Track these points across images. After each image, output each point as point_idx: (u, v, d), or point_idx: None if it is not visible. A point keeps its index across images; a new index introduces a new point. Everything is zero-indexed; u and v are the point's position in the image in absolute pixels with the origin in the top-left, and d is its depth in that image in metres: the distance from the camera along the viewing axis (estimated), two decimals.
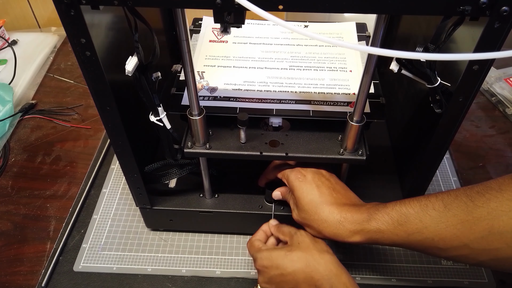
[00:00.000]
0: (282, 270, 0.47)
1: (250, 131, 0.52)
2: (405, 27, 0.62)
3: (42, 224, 0.68)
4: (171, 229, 0.66)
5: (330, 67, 0.60)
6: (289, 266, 0.46)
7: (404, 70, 0.44)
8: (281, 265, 0.47)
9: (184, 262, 0.62)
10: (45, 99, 0.90)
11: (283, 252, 0.48)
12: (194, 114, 0.49)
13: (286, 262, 0.47)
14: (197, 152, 0.52)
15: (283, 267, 0.47)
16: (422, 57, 0.35)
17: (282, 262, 0.47)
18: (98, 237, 0.65)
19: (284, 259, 0.47)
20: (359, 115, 0.47)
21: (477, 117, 0.85)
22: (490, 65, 0.38)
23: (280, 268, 0.47)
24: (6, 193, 0.72)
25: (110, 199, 0.71)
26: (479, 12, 0.33)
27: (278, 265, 0.47)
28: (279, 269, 0.47)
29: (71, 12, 0.35)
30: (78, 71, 0.97)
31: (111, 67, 0.42)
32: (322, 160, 0.51)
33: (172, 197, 0.61)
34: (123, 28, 0.42)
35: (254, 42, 0.65)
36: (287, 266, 0.47)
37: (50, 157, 0.78)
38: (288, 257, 0.47)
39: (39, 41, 1.03)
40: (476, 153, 0.78)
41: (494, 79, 0.90)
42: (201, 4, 0.34)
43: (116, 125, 0.46)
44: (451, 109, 0.42)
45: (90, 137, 0.82)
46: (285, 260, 0.47)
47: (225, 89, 0.56)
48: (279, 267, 0.47)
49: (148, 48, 0.42)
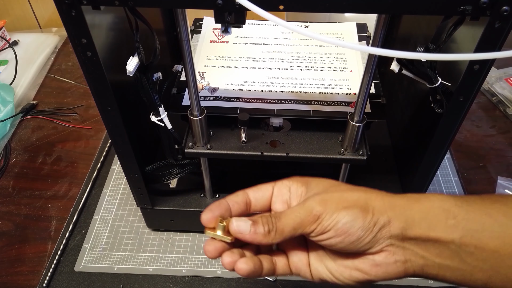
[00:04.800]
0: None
1: (251, 131, 0.52)
2: (406, 27, 0.62)
3: (43, 224, 0.68)
4: (172, 229, 0.66)
5: (330, 67, 0.60)
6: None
7: (404, 70, 0.44)
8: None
9: (185, 262, 0.62)
10: (46, 100, 0.90)
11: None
12: (195, 114, 0.49)
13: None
14: (198, 152, 0.52)
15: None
16: (422, 57, 0.35)
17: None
18: (99, 237, 0.65)
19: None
20: (359, 115, 0.47)
21: (477, 117, 0.85)
22: (491, 65, 0.38)
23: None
24: (7, 193, 0.73)
25: (111, 199, 0.71)
26: (480, 12, 0.33)
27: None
28: None
29: (72, 12, 0.35)
30: (79, 71, 0.97)
31: (112, 68, 0.42)
32: (323, 160, 0.52)
33: (173, 197, 0.61)
34: (124, 29, 0.42)
35: (255, 42, 0.65)
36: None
37: (51, 158, 0.78)
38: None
39: (40, 42, 1.03)
40: (476, 153, 0.78)
41: (494, 79, 0.90)
42: (202, 4, 0.34)
43: (117, 125, 0.46)
44: (452, 109, 0.42)
45: (91, 137, 0.82)
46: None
47: (226, 89, 0.56)
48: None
49: (149, 48, 0.42)
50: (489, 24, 0.34)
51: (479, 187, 0.73)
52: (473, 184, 0.73)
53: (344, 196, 0.33)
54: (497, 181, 0.72)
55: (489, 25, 0.34)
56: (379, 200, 0.33)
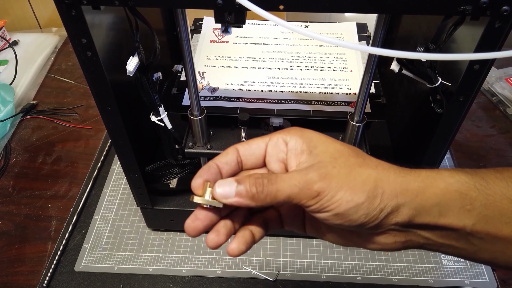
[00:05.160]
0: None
1: (251, 131, 0.52)
2: (406, 27, 0.62)
3: (43, 224, 0.68)
4: (172, 229, 0.66)
5: (330, 67, 0.60)
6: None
7: (404, 70, 0.44)
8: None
9: (185, 262, 0.62)
10: (46, 100, 0.90)
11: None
12: (195, 114, 0.49)
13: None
14: (198, 152, 0.52)
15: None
16: (423, 57, 0.35)
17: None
18: (99, 237, 0.65)
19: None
20: (359, 115, 0.47)
21: (477, 117, 0.85)
22: (491, 65, 0.38)
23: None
24: (7, 193, 0.73)
25: (111, 199, 0.71)
26: (480, 11, 0.33)
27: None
28: None
29: (72, 12, 0.35)
30: (79, 71, 0.97)
31: (112, 67, 0.42)
32: None
33: (173, 197, 0.61)
34: (124, 28, 0.42)
35: (255, 42, 0.65)
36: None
37: (51, 158, 0.78)
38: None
39: (40, 42, 1.03)
40: (477, 153, 0.78)
41: (494, 79, 0.90)
42: (202, 4, 0.34)
43: (117, 125, 0.46)
44: (452, 109, 0.42)
45: (91, 137, 0.82)
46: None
47: (226, 89, 0.56)
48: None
49: (149, 48, 0.42)
50: (489, 24, 0.34)
51: None
52: None
53: (352, 174, 0.29)
54: None
55: (489, 25, 0.34)
56: (391, 183, 0.29)
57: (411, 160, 0.57)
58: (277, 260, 0.63)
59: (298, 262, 0.62)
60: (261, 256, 0.63)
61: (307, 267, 0.62)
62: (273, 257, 0.63)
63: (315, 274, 0.61)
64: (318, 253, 0.63)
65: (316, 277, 0.61)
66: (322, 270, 0.61)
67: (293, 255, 0.63)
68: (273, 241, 0.65)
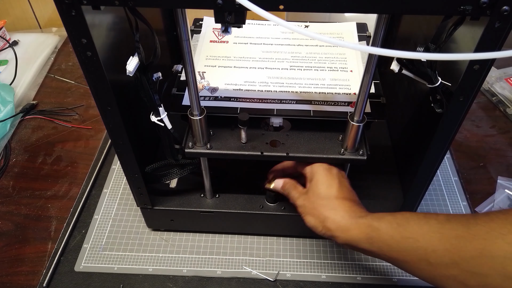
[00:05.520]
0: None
1: (251, 131, 0.52)
2: (406, 27, 0.62)
3: (43, 224, 0.68)
4: (172, 229, 0.66)
5: (330, 67, 0.60)
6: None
7: (404, 70, 0.44)
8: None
9: (185, 262, 0.62)
10: (46, 100, 0.90)
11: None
12: (195, 114, 0.49)
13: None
14: (198, 152, 0.52)
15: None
16: (423, 57, 0.35)
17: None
18: (99, 237, 0.65)
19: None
20: (359, 115, 0.47)
21: (477, 117, 0.85)
22: (491, 65, 0.38)
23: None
24: (7, 193, 0.73)
25: (111, 199, 0.71)
26: (480, 11, 0.33)
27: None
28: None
29: (72, 12, 0.35)
30: (79, 71, 0.97)
31: (112, 67, 0.42)
32: (323, 160, 0.52)
33: (173, 197, 0.61)
34: (124, 28, 0.42)
35: (255, 42, 0.65)
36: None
37: (51, 158, 0.78)
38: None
39: (40, 42, 1.04)
40: (476, 153, 0.78)
41: (494, 79, 0.90)
42: (202, 4, 0.34)
43: (117, 125, 0.46)
44: (452, 109, 0.42)
45: (91, 137, 0.82)
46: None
47: (226, 89, 0.56)
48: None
49: (149, 48, 0.42)
50: (489, 24, 0.34)
51: (479, 187, 0.73)
52: (473, 184, 0.73)
53: (317, 209, 0.50)
54: (497, 181, 0.72)
55: (489, 25, 0.34)
56: (336, 221, 0.48)
57: (411, 160, 0.57)
58: (277, 260, 0.63)
59: (298, 262, 0.62)
60: (261, 256, 0.63)
61: (307, 267, 0.62)
62: (273, 257, 0.63)
63: (315, 274, 0.61)
64: (318, 253, 0.63)
65: (316, 277, 0.61)
66: (322, 270, 0.61)
67: (293, 255, 0.63)
68: (273, 241, 0.65)
